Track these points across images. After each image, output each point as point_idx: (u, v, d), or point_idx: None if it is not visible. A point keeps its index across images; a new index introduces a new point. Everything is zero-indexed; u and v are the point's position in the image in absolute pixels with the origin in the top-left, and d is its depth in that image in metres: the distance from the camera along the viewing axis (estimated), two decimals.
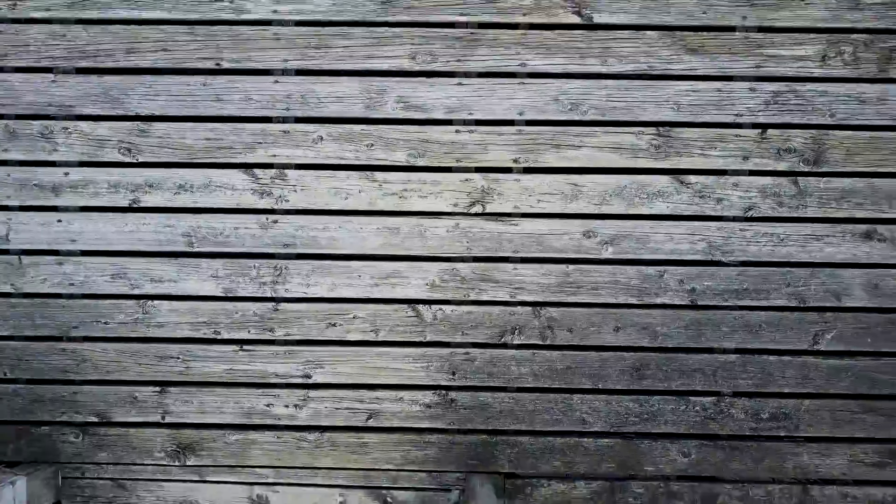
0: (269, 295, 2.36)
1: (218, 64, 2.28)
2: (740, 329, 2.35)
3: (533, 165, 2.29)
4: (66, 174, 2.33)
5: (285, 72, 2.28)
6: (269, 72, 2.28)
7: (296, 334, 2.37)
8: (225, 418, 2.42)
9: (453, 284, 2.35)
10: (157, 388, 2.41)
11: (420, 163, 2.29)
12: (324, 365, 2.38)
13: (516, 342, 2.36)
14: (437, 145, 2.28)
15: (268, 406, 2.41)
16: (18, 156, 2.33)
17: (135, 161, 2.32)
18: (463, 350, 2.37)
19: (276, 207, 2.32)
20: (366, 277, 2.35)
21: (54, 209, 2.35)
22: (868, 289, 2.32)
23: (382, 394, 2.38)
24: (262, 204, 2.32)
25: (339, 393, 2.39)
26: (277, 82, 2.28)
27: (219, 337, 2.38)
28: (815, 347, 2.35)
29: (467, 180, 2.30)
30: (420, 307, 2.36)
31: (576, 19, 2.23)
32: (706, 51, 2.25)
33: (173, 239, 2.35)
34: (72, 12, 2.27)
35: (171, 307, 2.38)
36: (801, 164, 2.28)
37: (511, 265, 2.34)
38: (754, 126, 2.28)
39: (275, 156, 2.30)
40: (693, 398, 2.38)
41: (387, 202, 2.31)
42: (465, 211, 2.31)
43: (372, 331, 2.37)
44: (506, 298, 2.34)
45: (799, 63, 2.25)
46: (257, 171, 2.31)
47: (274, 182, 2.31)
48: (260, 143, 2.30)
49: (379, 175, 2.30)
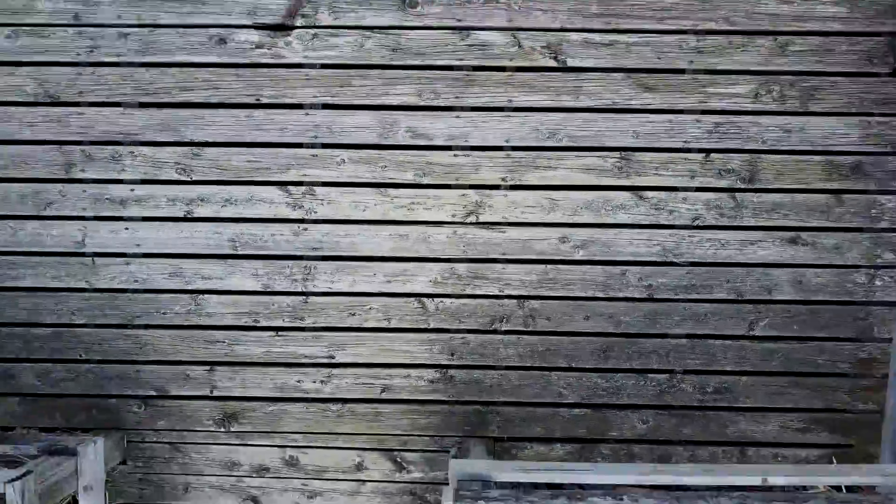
0: (300, 290, 2.84)
1: (258, 99, 2.76)
2: (689, 318, 2.84)
3: (517, 183, 2.77)
4: (132, 190, 2.82)
5: (314, 106, 2.75)
6: (301, 106, 2.76)
7: (322, 322, 2.86)
8: (262, 392, 2.91)
9: (452, 281, 2.84)
10: (207, 367, 2.91)
11: (425, 181, 2.77)
12: (345, 347, 2.87)
13: (504, 329, 2.85)
14: (439, 167, 2.77)
15: (298, 382, 2.90)
16: (93, 175, 2.81)
17: (189, 179, 2.80)
18: (460, 335, 2.86)
19: (306, 217, 2.81)
20: (380, 275, 2.84)
21: (122, 219, 2.83)
22: (794, 284, 2.81)
23: (393, 371, 2.88)
24: (295, 215, 2.80)
25: (358, 371, 2.89)
26: (307, 115, 2.76)
27: (258, 324, 2.87)
28: (751, 333, 2.84)
29: (463, 195, 2.79)
30: (424, 300, 2.85)
31: (553, 63, 2.71)
32: (659, 89, 2.72)
33: (220, 244, 2.83)
34: (138, 57, 2.75)
35: (219, 300, 2.87)
36: (739, 182, 2.76)
37: (499, 265, 2.82)
38: (699, 151, 2.75)
39: (305, 175, 2.78)
40: (650, 375, 2.87)
41: (397, 213, 2.80)
42: (462, 221, 2.80)
43: (385, 319, 2.86)
44: (495, 293, 2.83)
45: (736, 99, 2.73)
46: (290, 188, 2.79)
47: (304, 197, 2.79)
48: (293, 165, 2.78)
49: (391, 191, 2.78)
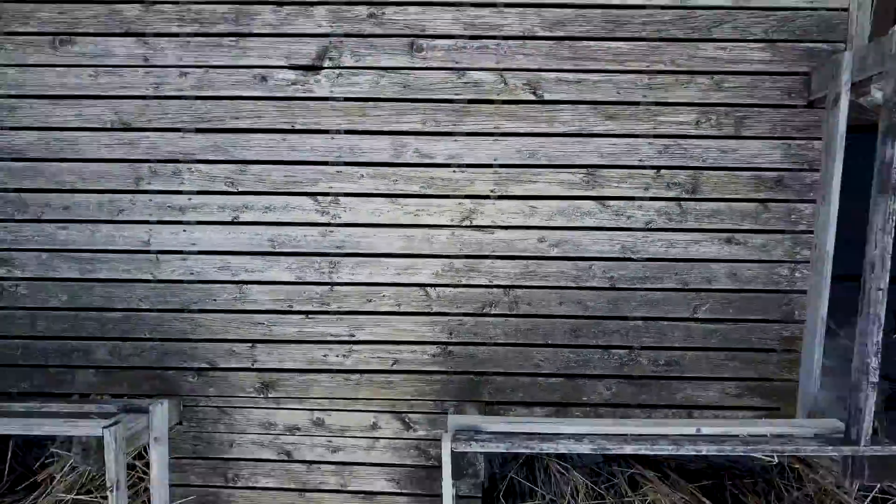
0: (326, 280, 3.47)
1: (293, 126, 3.38)
2: (644, 304, 3.46)
3: (504, 194, 3.39)
4: (189, 199, 3.44)
5: (338, 132, 3.37)
6: (327, 131, 3.38)
7: (344, 307, 3.48)
8: (295, 364, 3.53)
9: (450, 274, 3.46)
10: (249, 345, 3.53)
11: (428, 192, 3.39)
12: (363, 328, 3.49)
13: (493, 312, 3.47)
14: (440, 181, 3.39)
15: (324, 356, 3.52)
16: (157, 187, 3.43)
17: (236, 190, 3.43)
18: (457, 318, 3.48)
19: (332, 222, 3.43)
20: (391, 269, 3.46)
21: (180, 223, 3.44)
22: (729, 276, 3.43)
23: (403, 347, 3.50)
24: (322, 220, 3.42)
25: (374, 347, 3.51)
26: (333, 138, 3.38)
27: (291, 309, 3.50)
28: (695, 316, 3.46)
29: (460, 204, 3.40)
30: (428, 289, 3.47)
31: (532, 97, 3.33)
32: (619, 118, 3.34)
33: (261, 243, 3.46)
34: (195, 91, 3.37)
35: (260, 289, 3.49)
36: (684, 193, 3.39)
37: (489, 261, 3.44)
38: (652, 167, 3.37)
39: (331, 187, 3.40)
40: (613, 351, 3.49)
41: (406, 218, 3.41)
42: (459, 224, 3.42)
43: (396, 304, 3.48)
44: (485, 283, 3.45)
45: (681, 125, 3.35)
46: (319, 198, 3.41)
47: (330, 205, 3.41)
48: (321, 179, 3.40)
49: (401, 200, 3.40)
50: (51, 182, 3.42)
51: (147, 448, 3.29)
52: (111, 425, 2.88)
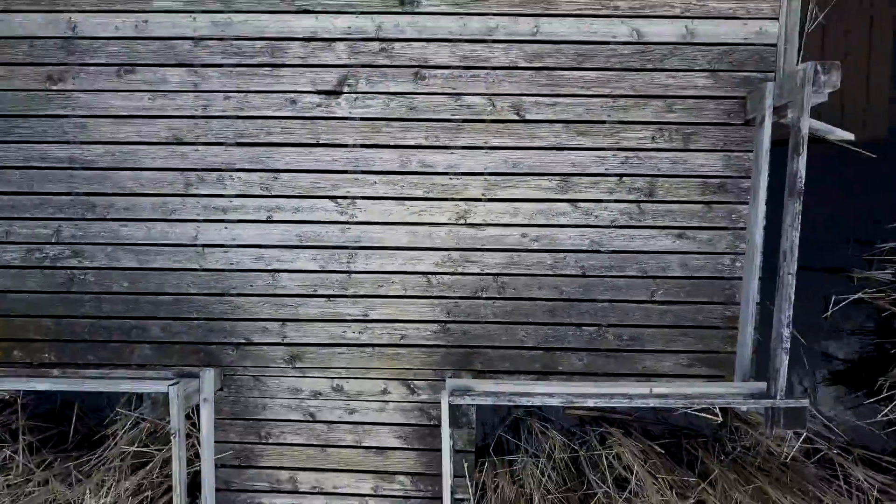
0: (345, 269, 4.15)
1: (317, 140, 4.07)
2: (610, 288, 4.14)
3: (493, 197, 4.07)
4: (230, 201, 4.12)
5: (355, 145, 4.06)
6: (346, 145, 4.06)
7: (360, 292, 4.16)
8: (318, 340, 4.21)
9: (448, 264, 4.14)
10: (280, 323, 4.21)
11: (430, 196, 4.08)
12: (375, 309, 4.17)
13: (484, 296, 4.16)
14: (440, 186, 4.08)
15: (343, 332, 4.20)
16: (204, 191, 4.11)
17: (269, 194, 4.11)
18: (454, 300, 4.17)
19: (349, 221, 4.11)
20: (399, 259, 4.14)
21: (223, 221, 4.13)
22: (681, 265, 4.11)
23: (409, 325, 4.18)
24: (342, 219, 4.11)
25: (384, 325, 4.19)
26: (350, 151, 4.06)
27: (316, 293, 4.18)
28: (652, 299, 4.14)
29: (456, 205, 4.09)
30: (429, 276, 4.15)
31: (516, 118, 4.02)
32: (589, 134, 4.03)
33: (290, 238, 4.14)
34: (236, 112, 4.05)
35: (289, 277, 4.17)
36: (642, 196, 4.07)
37: (481, 253, 4.13)
38: (616, 175, 4.06)
39: (349, 192, 4.09)
40: (584, 328, 4.17)
41: (411, 218, 4.10)
42: (455, 222, 4.10)
43: (402, 289, 4.16)
44: (478, 271, 4.14)
45: (640, 140, 4.03)
46: (339, 201, 4.10)
47: (349, 207, 4.10)
48: (341, 185, 4.09)
49: (407, 203, 4.08)
50: (115, 187, 4.11)
51: (197, 408, 3.97)
52: (174, 384, 3.57)
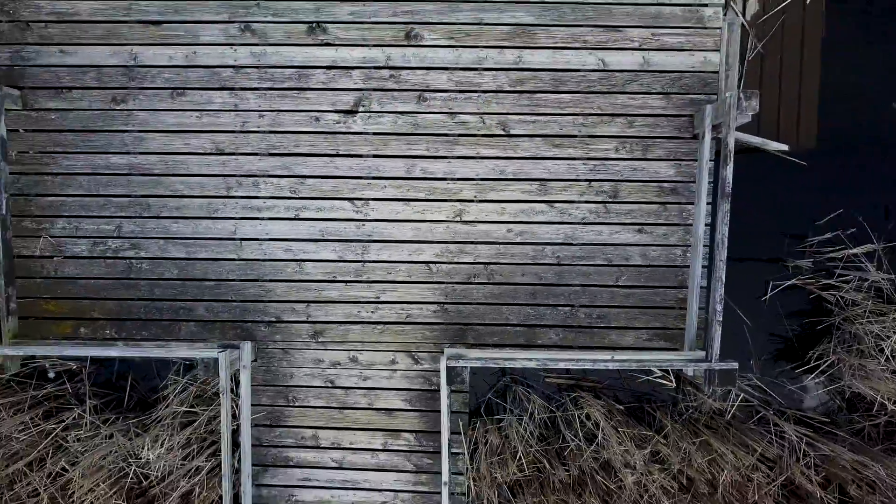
0: (360, 259, 4.96)
1: (337, 152, 4.87)
2: (581, 275, 4.95)
3: (483, 199, 4.88)
4: (264, 202, 4.93)
5: (368, 156, 4.87)
6: (361, 156, 4.87)
7: (372, 278, 4.97)
8: (337, 318, 5.01)
9: (446, 254, 4.95)
10: (305, 304, 5.01)
11: (431, 197, 4.88)
12: (385, 292, 4.98)
13: (476, 281, 4.96)
14: (439, 189, 4.88)
15: (358, 312, 5.01)
16: (242, 194, 4.92)
17: (297, 196, 4.92)
18: (451, 285, 4.97)
19: (364, 218, 4.92)
20: (405, 251, 4.95)
21: (258, 219, 4.94)
22: (642, 255, 4.92)
23: (413, 305, 4.98)
24: (357, 217, 4.92)
25: (393, 305, 4.99)
26: (364, 160, 4.87)
27: (335, 279, 4.99)
28: (617, 283, 4.95)
29: (453, 205, 4.89)
30: (430, 265, 4.96)
31: (502, 132, 4.83)
32: (562, 146, 4.85)
33: (315, 233, 4.94)
34: (269, 128, 4.86)
35: (313, 266, 4.98)
36: (608, 198, 4.88)
37: (473, 245, 4.93)
38: (585, 180, 4.87)
39: (364, 194, 4.89)
40: (559, 308, 4.97)
41: (415, 216, 4.91)
42: (452, 220, 4.91)
43: (408, 276, 4.97)
44: (471, 261, 4.95)
45: (606, 151, 4.84)
46: (355, 202, 4.90)
47: (363, 207, 4.90)
48: (356, 189, 4.89)
49: (412, 203, 4.89)
50: (167, 190, 4.91)
51: (236, 374, 4.78)
52: (222, 351, 4.37)
